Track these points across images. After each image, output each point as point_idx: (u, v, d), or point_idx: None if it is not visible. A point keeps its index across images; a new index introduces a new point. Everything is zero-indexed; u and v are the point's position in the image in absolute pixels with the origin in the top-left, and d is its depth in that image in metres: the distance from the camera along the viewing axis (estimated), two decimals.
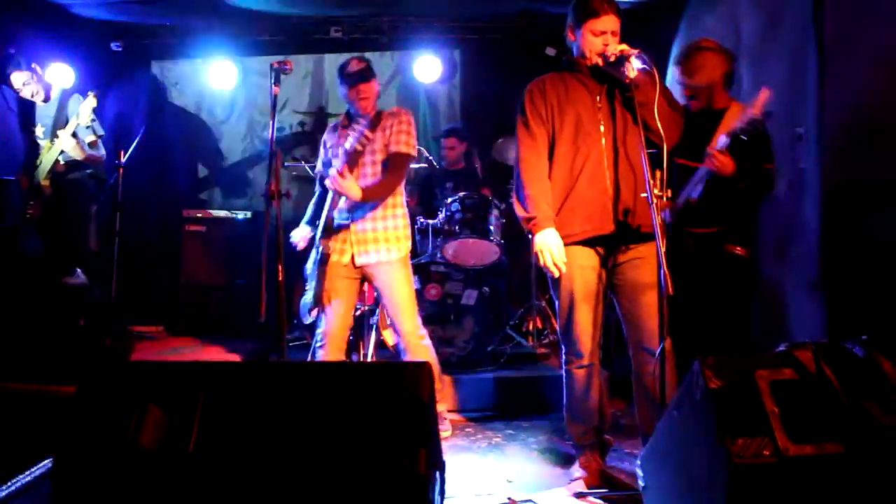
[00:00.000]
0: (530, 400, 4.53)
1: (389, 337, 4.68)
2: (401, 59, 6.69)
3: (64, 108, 4.92)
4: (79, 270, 4.77)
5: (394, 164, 3.73)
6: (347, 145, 3.51)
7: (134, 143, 5.60)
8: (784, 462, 1.76)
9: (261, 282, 5.81)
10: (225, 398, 1.78)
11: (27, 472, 2.08)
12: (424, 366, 1.79)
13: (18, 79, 4.86)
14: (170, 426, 1.73)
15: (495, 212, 5.16)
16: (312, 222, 3.94)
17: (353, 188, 3.54)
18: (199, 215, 6.17)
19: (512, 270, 5.60)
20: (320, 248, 3.74)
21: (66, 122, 4.86)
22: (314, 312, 3.77)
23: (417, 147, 3.89)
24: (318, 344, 3.79)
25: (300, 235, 3.94)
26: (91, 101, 4.85)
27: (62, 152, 4.88)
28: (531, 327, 5.20)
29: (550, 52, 6.13)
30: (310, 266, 3.85)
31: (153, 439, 1.71)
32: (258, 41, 6.65)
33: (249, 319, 5.81)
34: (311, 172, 5.71)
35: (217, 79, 6.68)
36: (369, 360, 4.58)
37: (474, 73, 6.74)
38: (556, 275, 3.11)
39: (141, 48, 6.63)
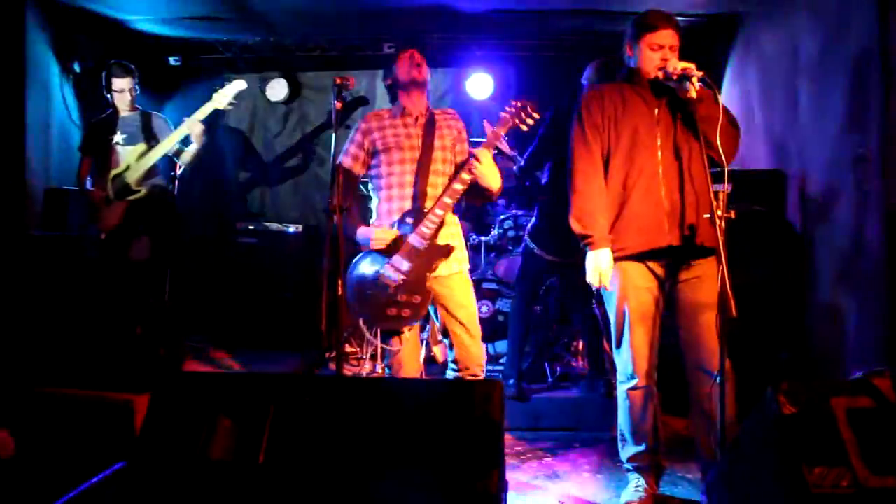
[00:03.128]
0: (581, 420, 4.48)
1: (439, 353, 4.66)
2: (454, 76, 6.71)
3: (150, 120, 5.05)
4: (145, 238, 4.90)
5: None
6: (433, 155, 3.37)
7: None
8: (863, 493, 1.71)
9: (310, 294, 5.95)
10: (295, 411, 1.79)
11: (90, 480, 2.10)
12: (496, 384, 1.78)
13: (121, 83, 4.98)
14: (240, 437, 1.74)
15: None
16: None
17: (496, 175, 3.30)
18: (252, 227, 6.24)
19: (562, 288, 5.54)
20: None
21: (153, 133, 5.01)
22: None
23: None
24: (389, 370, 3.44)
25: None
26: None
27: (165, 156, 5.01)
28: (580, 347, 5.15)
29: None
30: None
31: (224, 450, 1.73)
32: (311, 57, 6.74)
33: (296, 333, 5.91)
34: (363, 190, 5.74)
35: (271, 93, 6.84)
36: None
37: (527, 90, 6.72)
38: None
39: (197, 63, 6.77)
